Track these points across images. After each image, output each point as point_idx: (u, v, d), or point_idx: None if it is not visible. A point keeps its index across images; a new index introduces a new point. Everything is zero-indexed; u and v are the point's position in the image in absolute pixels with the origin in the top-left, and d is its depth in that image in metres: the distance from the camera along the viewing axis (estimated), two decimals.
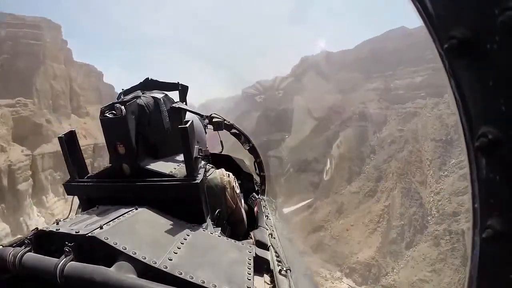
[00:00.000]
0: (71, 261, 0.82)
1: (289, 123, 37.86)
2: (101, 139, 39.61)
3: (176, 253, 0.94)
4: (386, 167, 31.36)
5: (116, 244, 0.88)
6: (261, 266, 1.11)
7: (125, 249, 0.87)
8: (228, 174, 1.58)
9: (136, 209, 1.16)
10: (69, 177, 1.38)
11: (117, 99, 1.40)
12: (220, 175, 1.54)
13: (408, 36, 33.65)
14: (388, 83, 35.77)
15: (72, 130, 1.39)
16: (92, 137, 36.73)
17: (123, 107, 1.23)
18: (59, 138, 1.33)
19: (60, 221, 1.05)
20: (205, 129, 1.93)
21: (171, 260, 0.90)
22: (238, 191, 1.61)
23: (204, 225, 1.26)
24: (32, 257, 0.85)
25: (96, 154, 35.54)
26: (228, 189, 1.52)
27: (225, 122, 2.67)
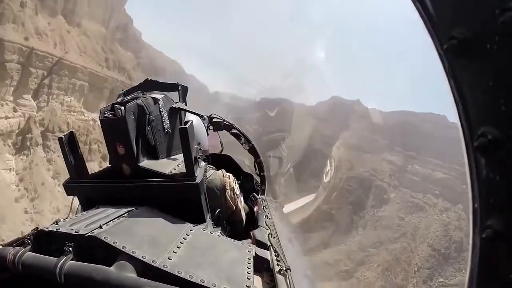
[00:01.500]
0: (70, 260, 0.85)
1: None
2: (71, 59, 29.37)
3: (175, 252, 0.98)
4: (373, 252, 25.07)
5: (116, 243, 0.90)
6: (261, 266, 1.15)
7: (125, 248, 0.90)
8: (229, 176, 1.63)
9: (136, 209, 1.19)
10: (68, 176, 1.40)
11: (117, 99, 1.43)
12: (220, 176, 1.59)
13: (446, 127, 33.02)
14: (406, 163, 34.94)
15: (72, 131, 1.41)
16: (61, 49, 27.22)
17: (122, 107, 1.26)
18: (59, 139, 1.34)
19: (59, 221, 1.08)
20: (207, 131, 1.96)
21: (170, 259, 0.93)
22: (238, 192, 1.66)
23: (204, 225, 1.31)
24: (32, 256, 0.87)
25: (53, 70, 25.71)
26: (228, 190, 1.58)
27: (225, 122, 2.76)
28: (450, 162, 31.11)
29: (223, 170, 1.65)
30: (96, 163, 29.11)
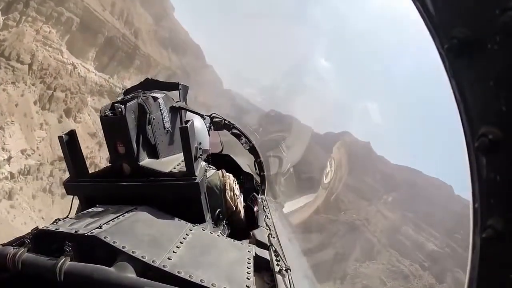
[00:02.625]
0: (70, 260, 0.87)
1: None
2: None
3: (175, 252, 1.00)
4: None
5: (116, 243, 0.93)
6: (260, 266, 1.17)
7: (125, 248, 0.92)
8: (229, 176, 1.67)
9: (136, 208, 1.23)
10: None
11: (117, 98, 1.47)
12: (220, 176, 1.62)
13: (451, 198, 31.53)
14: (401, 224, 32.45)
15: (72, 130, 1.43)
16: None
17: (123, 106, 1.29)
18: (59, 138, 1.36)
19: (59, 220, 1.12)
20: (208, 131, 1.99)
21: (170, 259, 0.96)
22: (238, 192, 1.70)
23: (204, 225, 1.35)
24: (31, 256, 0.89)
25: None
26: (228, 191, 1.61)
27: (225, 122, 2.86)
28: (447, 236, 28.84)
29: (223, 170, 1.68)
30: (54, 116, 22.52)
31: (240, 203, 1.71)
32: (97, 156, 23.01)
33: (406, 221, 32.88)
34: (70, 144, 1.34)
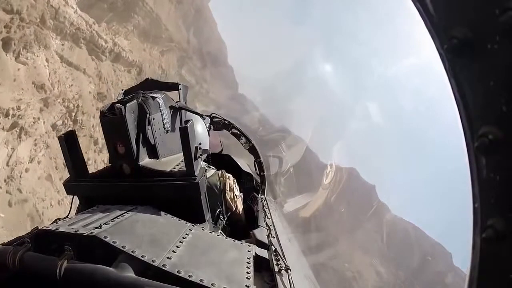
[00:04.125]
0: (70, 260, 0.90)
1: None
2: None
3: (175, 252, 1.03)
4: None
5: (116, 243, 0.96)
6: (260, 266, 1.20)
7: (125, 248, 0.95)
8: (228, 176, 1.76)
9: (136, 208, 1.27)
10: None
11: (117, 99, 1.53)
12: (220, 176, 1.71)
13: (451, 271, 28.18)
14: (393, 279, 29.18)
15: (72, 130, 1.50)
16: None
17: (122, 107, 1.34)
18: (59, 138, 1.42)
19: (59, 220, 1.17)
20: (208, 131, 2.07)
21: (170, 259, 0.98)
22: (237, 192, 1.79)
23: (203, 225, 1.39)
24: (32, 256, 0.92)
25: None
26: (228, 191, 1.71)
27: (225, 121, 2.92)
28: None
29: (223, 170, 1.75)
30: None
31: (240, 203, 1.77)
32: (30, 115, 14.35)
33: (398, 281, 30.04)
34: (69, 144, 1.36)
